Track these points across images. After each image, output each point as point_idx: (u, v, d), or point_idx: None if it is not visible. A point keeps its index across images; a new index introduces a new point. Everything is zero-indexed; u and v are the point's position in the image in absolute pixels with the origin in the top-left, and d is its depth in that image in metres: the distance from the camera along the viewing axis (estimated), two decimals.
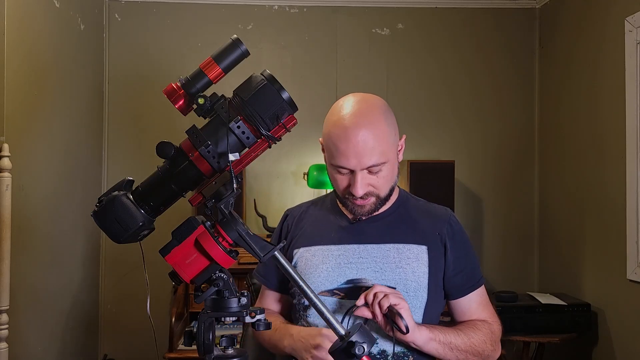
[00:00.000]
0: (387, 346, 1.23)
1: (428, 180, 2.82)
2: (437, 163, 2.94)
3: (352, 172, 1.23)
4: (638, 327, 2.40)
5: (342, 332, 0.95)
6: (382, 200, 1.29)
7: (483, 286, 1.37)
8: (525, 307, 2.65)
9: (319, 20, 3.22)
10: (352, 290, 1.26)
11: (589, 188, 2.76)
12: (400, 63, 3.24)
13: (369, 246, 1.30)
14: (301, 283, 0.97)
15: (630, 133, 2.41)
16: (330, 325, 0.96)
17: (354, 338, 0.92)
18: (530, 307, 2.65)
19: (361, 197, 1.24)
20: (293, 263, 1.34)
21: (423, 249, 1.30)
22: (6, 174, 1.89)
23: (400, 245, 1.30)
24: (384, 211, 1.35)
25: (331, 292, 1.27)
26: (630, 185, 2.42)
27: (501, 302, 2.67)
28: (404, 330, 1.12)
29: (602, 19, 2.65)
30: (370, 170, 1.22)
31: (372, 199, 1.26)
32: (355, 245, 1.31)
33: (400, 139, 1.31)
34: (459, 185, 3.08)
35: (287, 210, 1.48)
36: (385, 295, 1.14)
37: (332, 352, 0.95)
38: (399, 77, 3.24)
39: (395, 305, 1.13)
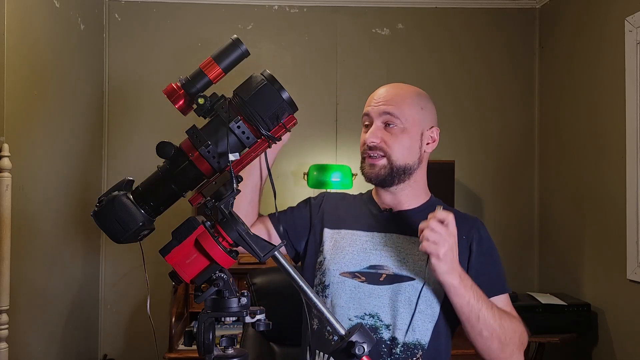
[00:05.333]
0: (397, 334, 1.25)
1: (428, 180, 2.80)
2: (437, 163, 2.92)
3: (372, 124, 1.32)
4: (638, 327, 2.40)
5: (342, 332, 0.95)
6: (394, 170, 1.31)
7: (508, 296, 1.33)
8: (525, 307, 2.64)
9: (319, 20, 3.22)
10: (372, 276, 1.29)
11: (589, 188, 2.76)
12: (400, 63, 3.24)
13: (394, 235, 1.33)
14: (301, 283, 0.97)
15: (630, 133, 2.41)
16: (330, 325, 0.96)
17: (354, 338, 0.92)
18: (530, 307, 2.64)
19: (372, 150, 1.30)
20: (320, 241, 1.38)
21: None
22: (6, 174, 1.89)
23: None
24: (415, 207, 1.39)
25: (352, 274, 1.30)
26: (630, 185, 2.42)
27: None
28: None
29: (602, 19, 2.65)
30: (385, 122, 1.31)
31: (383, 161, 1.31)
32: (383, 234, 1.34)
33: (430, 129, 1.35)
34: (459, 185, 3.08)
35: (325, 192, 1.52)
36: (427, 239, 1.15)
37: (332, 352, 0.95)
38: (399, 77, 3.23)
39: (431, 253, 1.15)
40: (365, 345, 0.91)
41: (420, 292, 1.26)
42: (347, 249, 1.34)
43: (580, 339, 2.68)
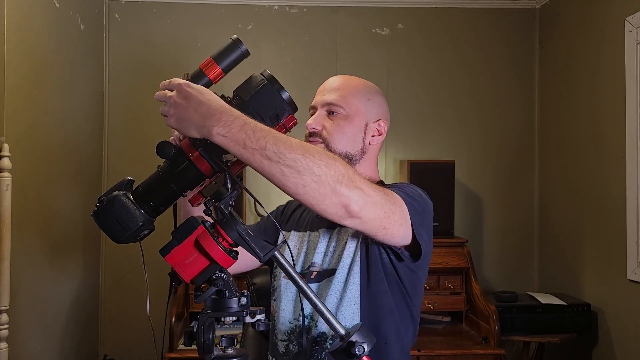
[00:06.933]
0: (325, 327, 1.22)
1: (428, 180, 2.80)
2: (437, 163, 2.94)
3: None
4: (638, 327, 2.40)
5: (342, 332, 0.95)
6: None
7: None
8: (525, 307, 2.65)
9: (319, 20, 3.22)
10: (307, 276, 1.28)
11: (589, 188, 2.76)
12: (400, 63, 3.24)
13: (325, 230, 1.32)
14: (301, 283, 0.97)
15: (630, 133, 2.41)
16: (330, 325, 0.96)
17: (354, 338, 0.92)
18: (530, 307, 2.65)
19: (311, 136, 1.27)
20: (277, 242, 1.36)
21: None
22: (6, 174, 1.89)
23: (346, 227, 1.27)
24: None
25: None
26: (630, 185, 2.42)
27: (501, 302, 2.66)
28: None
29: (602, 19, 2.65)
30: (328, 110, 1.28)
31: (321, 146, 1.25)
32: (320, 231, 1.32)
33: (376, 121, 1.30)
34: (459, 185, 3.08)
35: (289, 201, 1.52)
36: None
37: (332, 352, 0.95)
38: (399, 77, 3.24)
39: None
40: (365, 345, 0.91)
41: (335, 279, 1.23)
42: (292, 251, 1.35)
43: (580, 339, 2.68)
